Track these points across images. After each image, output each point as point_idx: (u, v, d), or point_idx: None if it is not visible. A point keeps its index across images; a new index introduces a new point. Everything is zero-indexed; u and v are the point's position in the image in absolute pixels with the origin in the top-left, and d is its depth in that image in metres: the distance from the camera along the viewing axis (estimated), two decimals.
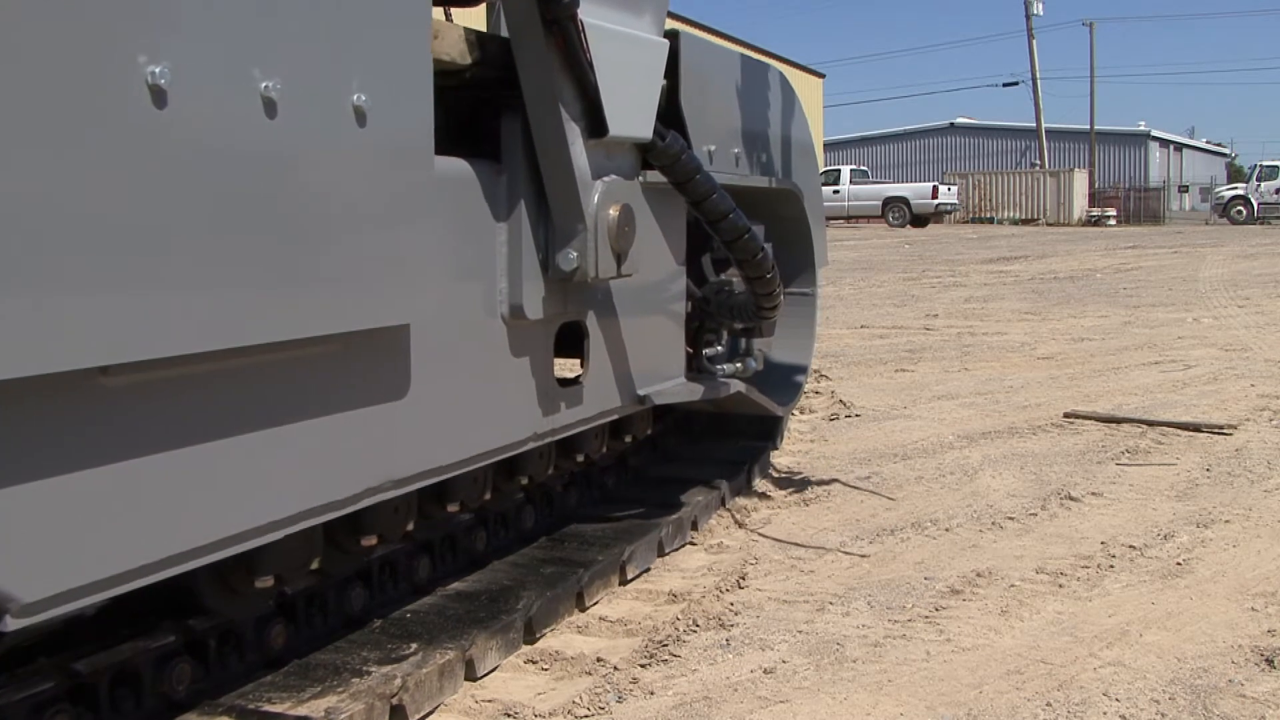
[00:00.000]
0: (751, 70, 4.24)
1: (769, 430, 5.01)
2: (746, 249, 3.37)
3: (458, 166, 2.64)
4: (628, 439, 3.94)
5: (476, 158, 2.71)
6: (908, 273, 16.88)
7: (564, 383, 3.07)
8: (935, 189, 37.23)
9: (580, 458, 3.56)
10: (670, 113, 3.51)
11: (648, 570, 3.59)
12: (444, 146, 2.56)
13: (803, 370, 5.01)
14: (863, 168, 43.07)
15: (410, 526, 2.81)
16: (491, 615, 2.93)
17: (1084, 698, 2.70)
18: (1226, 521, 4.16)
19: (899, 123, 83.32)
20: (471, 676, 2.75)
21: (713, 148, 3.78)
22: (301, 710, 2.36)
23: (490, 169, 2.73)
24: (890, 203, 36.93)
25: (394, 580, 3.00)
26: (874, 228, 35.69)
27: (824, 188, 38.41)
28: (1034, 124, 50.37)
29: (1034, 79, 48.78)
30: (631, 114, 3.03)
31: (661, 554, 3.71)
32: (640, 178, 3.28)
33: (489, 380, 2.74)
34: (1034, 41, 48.20)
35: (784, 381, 4.91)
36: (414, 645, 2.72)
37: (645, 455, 4.47)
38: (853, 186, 38.01)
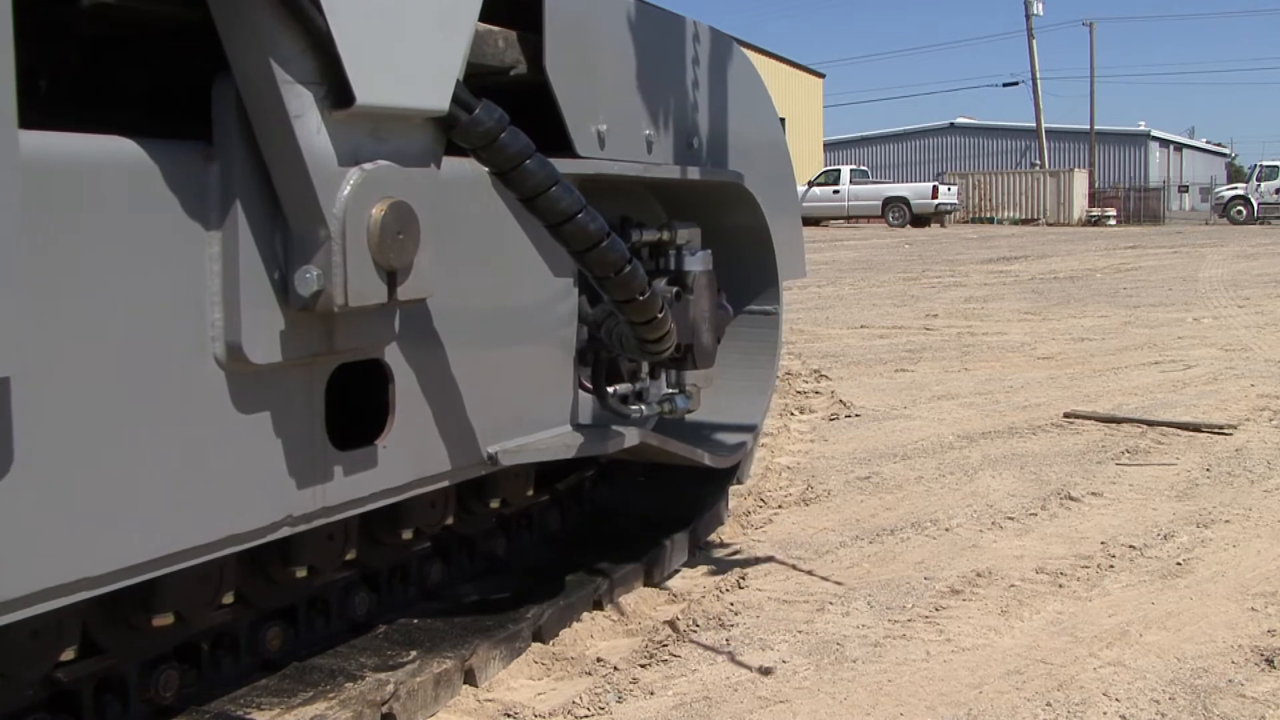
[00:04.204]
0: (668, 27, 3.27)
1: (723, 478, 4.02)
2: (604, 263, 2.46)
3: (112, 149, 1.86)
4: (494, 504, 3.12)
5: (170, 137, 1.98)
6: (907, 273, 16.88)
7: (349, 445, 2.30)
8: (935, 189, 37.25)
9: (408, 534, 2.81)
10: (534, 80, 2.74)
11: None
12: (118, 120, 2.03)
13: (757, 409, 3.98)
14: (863, 168, 43.04)
15: (69, 655, 2.14)
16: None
17: (1084, 698, 2.70)
18: (1226, 521, 4.16)
19: (899, 123, 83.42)
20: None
21: (603, 128, 2.92)
22: (289, 717, 2.36)
23: (193, 154, 1.97)
24: (890, 203, 36.94)
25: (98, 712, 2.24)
26: (874, 227, 35.70)
27: (824, 188, 38.42)
28: (1034, 124, 50.38)
29: (1034, 79, 48.78)
30: (407, 76, 2.16)
31: None
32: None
33: (191, 449, 1.98)
34: (1034, 41, 48.20)
35: (731, 423, 3.89)
36: (414, 652, 2.70)
37: (558, 516, 3.66)
38: (853, 186, 38.00)
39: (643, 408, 3.20)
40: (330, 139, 2.05)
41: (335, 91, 2.04)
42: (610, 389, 3.13)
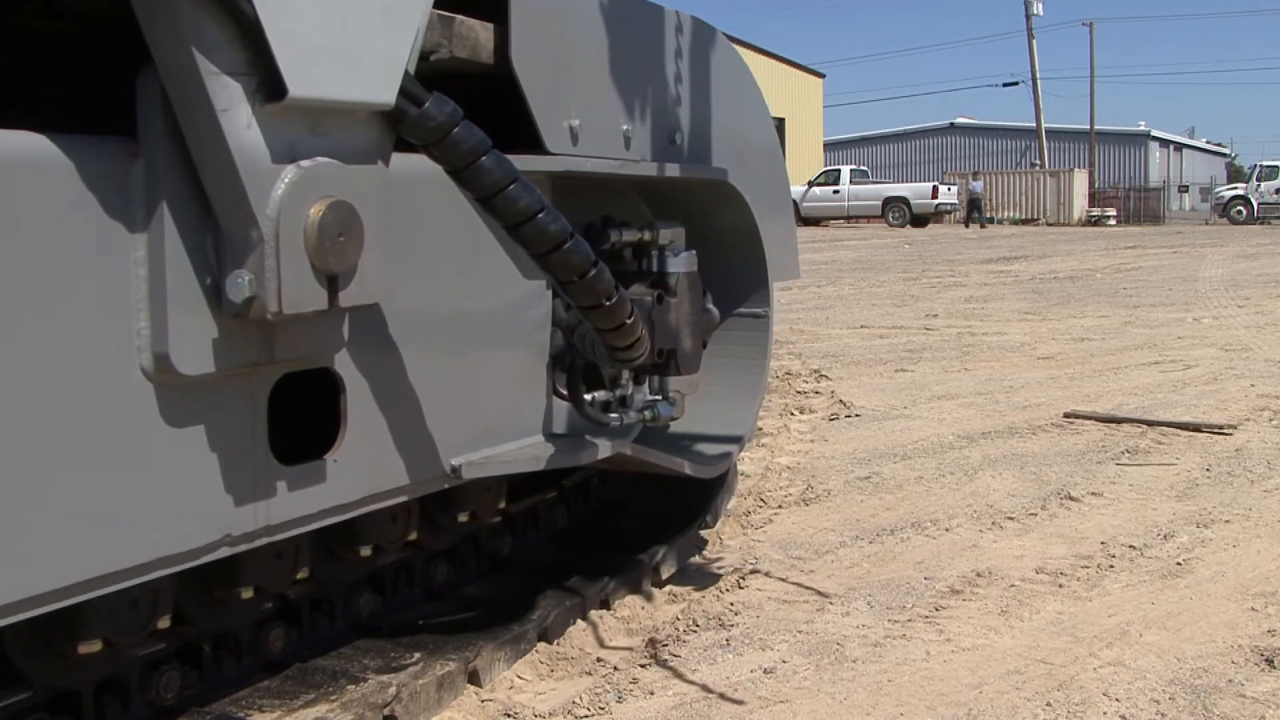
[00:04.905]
0: (647, 17, 3.11)
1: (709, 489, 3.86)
2: (566, 266, 2.29)
3: (25, 145, 1.73)
4: (462, 518, 2.96)
5: (89, 133, 1.85)
6: (907, 273, 16.88)
7: (295, 459, 2.17)
8: (935, 189, 37.29)
9: (367, 550, 2.67)
10: (500, 72, 2.59)
11: None
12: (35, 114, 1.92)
13: (746, 415, 3.76)
14: (863, 168, 43.07)
15: None
16: None
17: (1084, 698, 2.70)
18: (1226, 521, 4.16)
19: (899, 123, 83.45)
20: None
21: (576, 123, 2.78)
22: (289, 719, 2.36)
23: (115, 151, 1.85)
24: (890, 203, 36.97)
25: None
26: (874, 227, 35.71)
27: (824, 188, 38.41)
28: (1034, 124, 50.39)
29: (1034, 79, 48.78)
30: (348, 67, 2.01)
31: None
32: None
33: (116, 466, 1.85)
34: (1034, 41, 48.20)
35: (717, 431, 3.69)
36: (417, 654, 2.69)
37: (527, 532, 3.49)
38: (853, 186, 38.03)
39: (623, 415, 3.05)
40: (262, 134, 1.90)
41: (267, 83, 1.89)
42: (588, 396, 2.98)
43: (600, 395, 3.03)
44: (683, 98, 3.28)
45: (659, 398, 3.08)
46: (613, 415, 3.01)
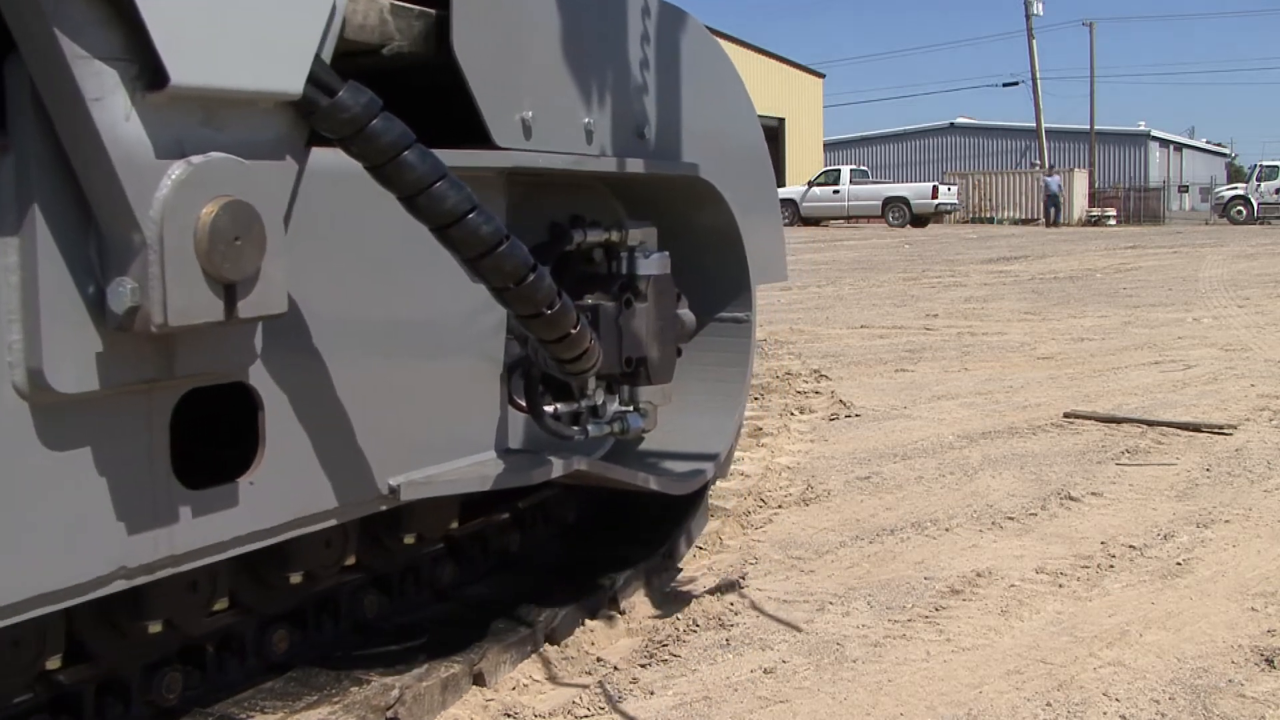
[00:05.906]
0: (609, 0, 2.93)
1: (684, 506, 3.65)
2: (500, 272, 2.10)
3: None
4: (408, 539, 2.78)
5: None
6: (907, 273, 16.88)
7: (204, 481, 2.00)
8: (935, 189, 37.30)
9: (297, 577, 2.48)
10: (440, 62, 2.41)
11: None
12: None
13: (725, 426, 3.55)
14: (863, 168, 43.08)
15: None
16: None
17: (1084, 698, 2.70)
18: (1226, 521, 4.16)
19: (899, 123, 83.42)
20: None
21: (528, 115, 2.59)
22: None
23: None
24: (890, 203, 36.98)
25: None
26: (874, 227, 35.71)
27: (824, 188, 38.42)
28: (1034, 124, 50.39)
29: (1034, 79, 48.76)
30: (245, 52, 1.80)
31: None
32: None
33: None
34: (1034, 41, 48.17)
35: (693, 444, 3.47)
36: (421, 655, 2.68)
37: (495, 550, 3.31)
38: (853, 186, 38.04)
39: (589, 428, 2.84)
40: (143, 127, 1.71)
41: (148, 70, 1.70)
42: (551, 408, 2.77)
43: (563, 407, 2.83)
44: (651, 88, 3.07)
45: (629, 409, 2.91)
46: (576, 429, 2.82)
